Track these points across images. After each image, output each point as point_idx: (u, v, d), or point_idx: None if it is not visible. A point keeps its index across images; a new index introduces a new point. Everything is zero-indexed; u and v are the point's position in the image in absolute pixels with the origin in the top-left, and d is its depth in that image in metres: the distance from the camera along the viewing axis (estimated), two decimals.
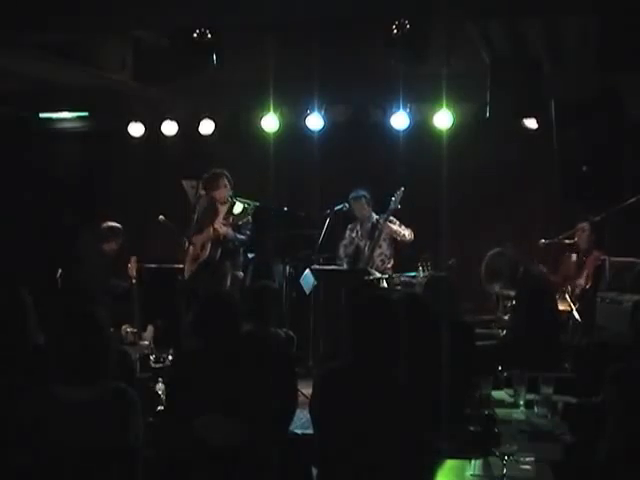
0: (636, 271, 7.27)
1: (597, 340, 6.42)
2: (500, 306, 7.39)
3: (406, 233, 8.21)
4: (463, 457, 3.58)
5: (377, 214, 8.35)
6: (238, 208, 7.87)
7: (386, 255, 8.31)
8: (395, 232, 8.21)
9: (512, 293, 6.62)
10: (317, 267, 8.12)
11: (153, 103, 8.87)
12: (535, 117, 7.74)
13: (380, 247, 8.29)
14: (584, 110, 6.93)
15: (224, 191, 7.85)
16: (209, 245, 7.76)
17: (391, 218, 8.21)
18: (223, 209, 7.89)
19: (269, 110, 8.26)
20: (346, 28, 6.57)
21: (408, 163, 8.43)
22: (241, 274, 8.03)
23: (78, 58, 7.29)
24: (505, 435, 3.66)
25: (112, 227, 7.94)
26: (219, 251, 7.81)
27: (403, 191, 8.01)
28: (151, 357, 5.62)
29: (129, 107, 8.90)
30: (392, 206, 8.08)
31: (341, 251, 8.52)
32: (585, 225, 8.01)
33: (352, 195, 8.35)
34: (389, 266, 8.28)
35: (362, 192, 8.34)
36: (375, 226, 8.30)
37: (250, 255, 8.67)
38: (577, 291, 7.86)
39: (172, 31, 6.33)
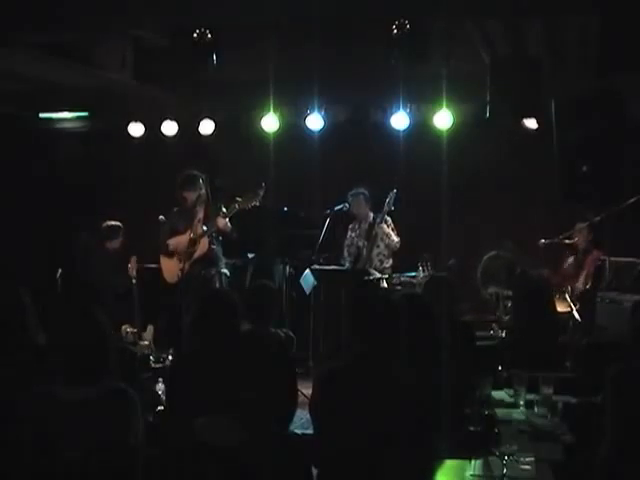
0: (636, 271, 7.27)
1: (597, 340, 6.41)
2: (500, 306, 7.40)
3: (394, 239, 8.24)
4: (463, 457, 3.59)
5: (375, 214, 8.37)
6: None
7: (384, 255, 8.32)
8: (386, 234, 8.23)
9: (510, 293, 6.62)
10: (317, 267, 8.13)
11: (153, 103, 8.87)
12: (535, 117, 7.74)
13: (378, 247, 8.31)
14: (584, 110, 6.93)
15: (191, 194, 7.58)
16: (205, 240, 7.49)
17: (387, 218, 8.25)
18: (200, 210, 7.60)
19: (269, 110, 8.25)
20: (346, 28, 6.57)
21: (408, 163, 8.42)
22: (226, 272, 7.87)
23: (78, 58, 7.29)
24: (505, 435, 3.66)
25: (112, 226, 8.09)
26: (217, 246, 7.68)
27: (396, 193, 8.05)
28: (151, 357, 5.63)
29: (129, 107, 8.90)
30: (385, 208, 8.12)
31: (345, 252, 8.58)
32: (582, 225, 8.01)
33: (351, 192, 8.42)
34: (387, 265, 8.30)
35: (361, 190, 8.42)
36: (372, 226, 8.33)
37: (250, 255, 8.65)
38: (577, 291, 7.87)
39: (172, 31, 6.33)
